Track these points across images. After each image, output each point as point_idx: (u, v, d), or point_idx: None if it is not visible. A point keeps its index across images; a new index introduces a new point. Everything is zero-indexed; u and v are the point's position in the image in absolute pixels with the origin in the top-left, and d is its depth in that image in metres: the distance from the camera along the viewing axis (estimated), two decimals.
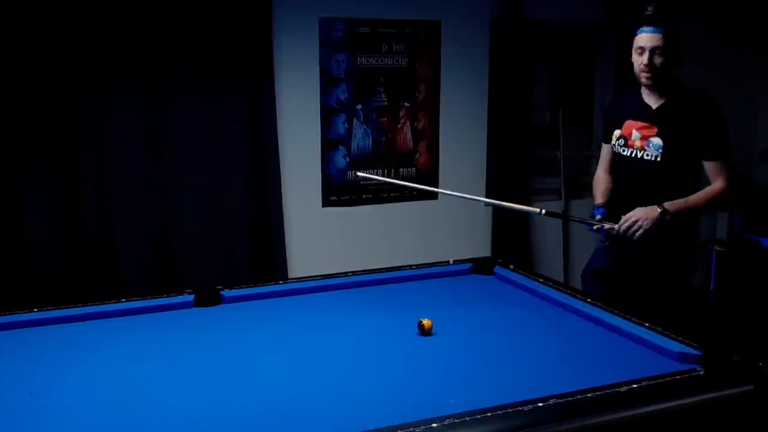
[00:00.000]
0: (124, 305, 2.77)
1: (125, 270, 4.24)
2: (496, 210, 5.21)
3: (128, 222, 4.23)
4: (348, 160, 4.81)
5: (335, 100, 4.72)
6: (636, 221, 2.95)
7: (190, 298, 2.84)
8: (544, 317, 2.70)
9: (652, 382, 1.99)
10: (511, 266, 3.21)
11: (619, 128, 3.14)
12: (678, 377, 2.03)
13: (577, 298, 2.77)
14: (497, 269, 3.24)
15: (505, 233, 5.18)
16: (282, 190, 4.56)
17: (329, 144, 4.76)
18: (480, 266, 3.30)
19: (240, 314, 2.79)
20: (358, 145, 4.83)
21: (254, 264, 4.51)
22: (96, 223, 4.14)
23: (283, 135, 4.55)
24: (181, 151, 4.30)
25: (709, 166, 3.02)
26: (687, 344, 2.25)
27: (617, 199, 3.22)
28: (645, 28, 2.95)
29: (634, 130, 3.04)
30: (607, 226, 3.06)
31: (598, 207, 3.24)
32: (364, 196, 4.89)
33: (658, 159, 3.01)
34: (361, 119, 4.81)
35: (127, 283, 4.22)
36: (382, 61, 4.80)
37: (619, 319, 2.54)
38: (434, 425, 1.76)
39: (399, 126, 4.93)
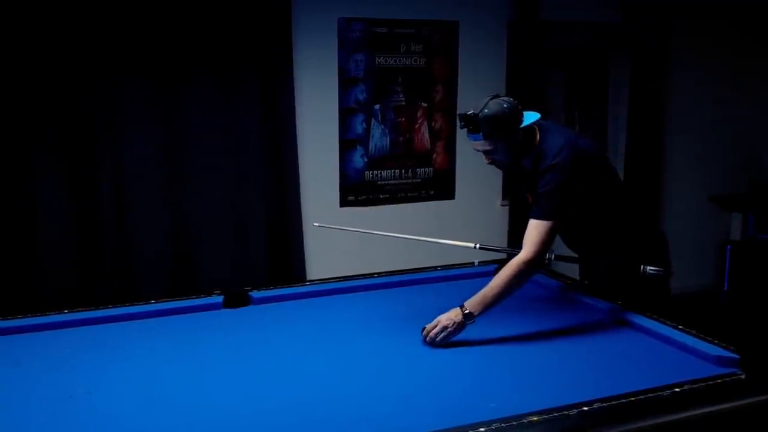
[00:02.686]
0: (154, 306, 2.78)
1: (141, 271, 4.22)
2: (513, 211, 5.20)
3: (145, 223, 4.21)
4: (366, 160, 4.81)
5: (353, 100, 4.72)
6: (440, 328, 2.47)
7: (219, 299, 2.85)
8: (575, 320, 2.70)
9: (694, 386, 1.99)
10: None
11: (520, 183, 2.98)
12: (720, 381, 2.03)
13: (606, 301, 2.77)
14: None
15: (522, 234, 5.16)
16: (300, 191, 4.55)
17: (347, 144, 4.76)
18: None
19: (269, 315, 2.80)
20: (375, 145, 4.83)
21: (272, 264, 4.51)
22: (112, 224, 4.13)
23: (301, 135, 4.55)
24: (199, 151, 4.29)
25: (529, 224, 2.69)
26: (724, 347, 2.25)
27: None
28: (468, 137, 2.71)
29: (528, 194, 2.89)
30: None
31: None
32: (381, 196, 4.89)
33: None
34: (379, 119, 4.81)
35: (143, 284, 4.20)
36: (399, 61, 4.79)
37: (652, 321, 2.54)
38: (482, 429, 1.76)
39: (416, 126, 4.93)
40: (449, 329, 2.46)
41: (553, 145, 2.69)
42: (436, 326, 2.47)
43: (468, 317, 2.49)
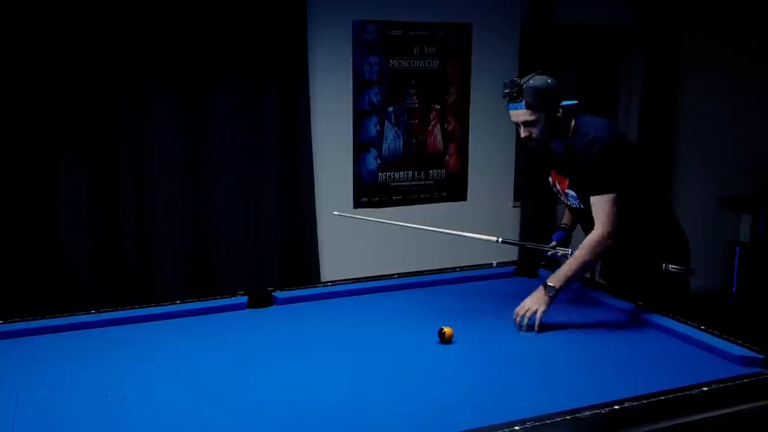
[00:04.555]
0: (180, 307, 2.80)
1: (162, 270, 4.27)
2: (524, 211, 5.24)
3: (164, 223, 4.25)
4: (379, 162, 4.84)
5: (367, 102, 4.75)
6: (527, 310, 2.62)
7: (244, 299, 2.87)
8: (598, 320, 2.72)
9: (722, 386, 2.01)
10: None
11: (549, 175, 3.02)
12: (746, 380, 2.06)
13: (626, 300, 2.79)
14: (541, 272, 3.26)
15: (533, 234, 5.19)
16: (315, 192, 4.59)
17: (361, 146, 4.79)
18: (523, 268, 3.33)
19: (293, 315, 2.82)
20: (389, 147, 4.86)
21: (288, 264, 4.54)
22: (132, 223, 4.17)
23: (316, 137, 4.58)
24: (217, 153, 4.33)
25: (592, 203, 2.73)
26: (748, 347, 2.27)
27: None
28: (509, 105, 2.74)
29: (556, 182, 2.95)
30: (560, 252, 2.94)
31: (559, 230, 3.17)
32: (394, 198, 4.93)
33: (582, 207, 2.84)
34: (392, 121, 4.84)
35: (162, 285, 4.24)
36: (413, 63, 4.83)
37: (675, 322, 2.56)
38: (516, 428, 1.79)
39: (429, 128, 4.96)
40: (540, 309, 2.60)
41: (592, 123, 2.76)
42: (523, 308, 2.61)
43: (550, 291, 2.63)
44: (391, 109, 4.82)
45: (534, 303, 2.62)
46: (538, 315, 2.59)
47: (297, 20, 4.40)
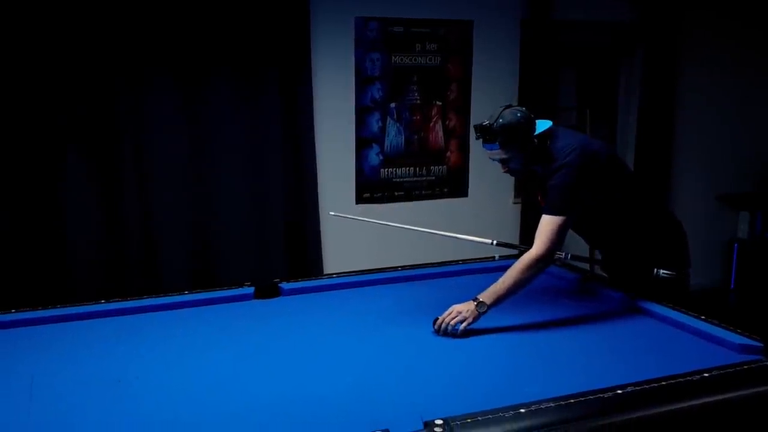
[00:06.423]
0: (188, 297, 2.84)
1: (164, 266, 4.30)
2: (524, 207, 5.28)
3: (168, 219, 4.28)
4: (381, 157, 4.88)
5: (369, 98, 4.79)
6: (453, 318, 2.55)
7: (251, 290, 2.91)
8: (597, 310, 2.76)
9: (722, 372, 2.06)
10: (557, 262, 3.27)
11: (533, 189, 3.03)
12: (746, 367, 2.10)
13: (626, 293, 2.83)
14: None
15: (534, 230, 5.23)
16: (318, 188, 4.62)
17: (363, 142, 4.83)
18: None
19: (299, 306, 2.86)
20: (391, 143, 4.90)
21: (290, 259, 4.58)
22: (136, 221, 4.21)
23: (319, 133, 4.62)
24: (220, 149, 4.36)
25: (541, 220, 2.73)
26: (747, 336, 2.32)
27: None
28: (484, 146, 2.76)
29: (538, 195, 2.96)
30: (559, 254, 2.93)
31: None
32: (396, 194, 4.96)
33: None
34: (394, 117, 4.88)
35: (167, 281, 4.26)
36: (415, 60, 4.87)
37: (676, 312, 2.60)
38: (522, 411, 1.83)
39: (431, 124, 5.00)
40: (463, 317, 2.53)
41: (563, 146, 2.74)
42: (450, 314, 2.54)
43: (480, 307, 2.56)
44: (393, 105, 4.86)
45: (463, 314, 2.55)
46: (463, 326, 2.53)
47: (299, 17, 4.44)
